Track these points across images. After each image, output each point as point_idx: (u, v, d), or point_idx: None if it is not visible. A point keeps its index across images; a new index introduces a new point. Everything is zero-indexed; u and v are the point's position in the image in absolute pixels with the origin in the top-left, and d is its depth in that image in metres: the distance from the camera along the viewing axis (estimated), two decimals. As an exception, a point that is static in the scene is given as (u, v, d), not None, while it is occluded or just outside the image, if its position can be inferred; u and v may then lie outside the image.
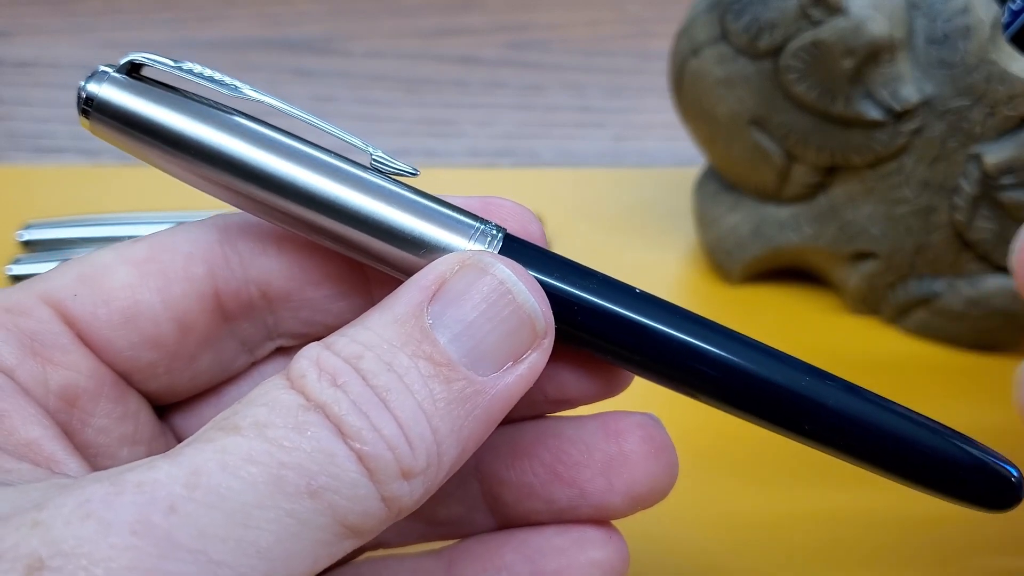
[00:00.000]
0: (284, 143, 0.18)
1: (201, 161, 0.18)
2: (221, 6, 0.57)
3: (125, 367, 0.20)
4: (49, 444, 0.18)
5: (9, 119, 0.47)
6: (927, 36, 0.32)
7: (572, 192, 0.43)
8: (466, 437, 0.17)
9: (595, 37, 0.58)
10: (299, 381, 0.16)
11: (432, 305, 0.17)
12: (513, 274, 0.18)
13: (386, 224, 0.18)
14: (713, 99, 0.36)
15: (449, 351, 0.17)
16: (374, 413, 0.16)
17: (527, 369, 0.18)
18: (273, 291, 0.20)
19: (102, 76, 0.18)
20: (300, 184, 0.18)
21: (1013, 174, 0.32)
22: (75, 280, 0.19)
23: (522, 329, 0.18)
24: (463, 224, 0.19)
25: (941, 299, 0.36)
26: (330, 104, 0.50)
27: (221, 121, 0.18)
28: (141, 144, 0.18)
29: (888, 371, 0.36)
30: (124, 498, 0.14)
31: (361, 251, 0.19)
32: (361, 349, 0.17)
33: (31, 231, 0.36)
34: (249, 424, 0.16)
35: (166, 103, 0.18)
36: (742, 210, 0.38)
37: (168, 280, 0.19)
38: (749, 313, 0.38)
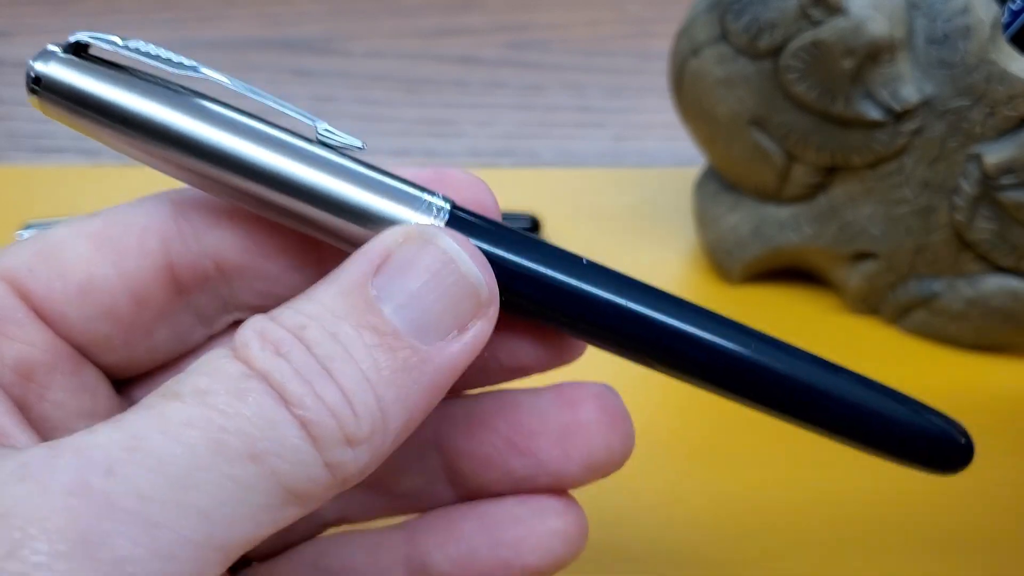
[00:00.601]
0: (230, 118, 0.18)
1: (148, 138, 0.18)
2: (221, 6, 0.57)
3: (81, 340, 0.20)
4: (1, 418, 0.18)
5: (9, 119, 0.47)
6: (927, 36, 0.32)
7: (572, 192, 0.43)
8: (412, 405, 0.17)
9: (595, 37, 0.58)
10: (243, 351, 0.16)
11: (377, 277, 0.17)
12: (457, 244, 0.18)
13: (333, 197, 0.18)
14: (713, 99, 0.36)
15: (393, 321, 0.17)
16: (317, 381, 0.16)
17: (472, 338, 0.18)
18: (228, 264, 0.20)
19: (49, 55, 0.18)
20: (246, 159, 0.18)
21: (1013, 174, 0.32)
22: (31, 255, 0.19)
23: (466, 299, 0.18)
24: (410, 196, 0.19)
25: (941, 299, 0.36)
26: (330, 104, 0.50)
27: (167, 98, 0.18)
28: (89, 122, 0.18)
29: (888, 371, 0.36)
30: (61, 460, 0.15)
31: (310, 224, 0.19)
32: (305, 320, 0.17)
33: (31, 231, 0.36)
34: (189, 391, 0.16)
35: (111, 81, 0.18)
36: (742, 210, 0.38)
37: (123, 253, 0.19)
38: (749, 313, 0.38)
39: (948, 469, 0.20)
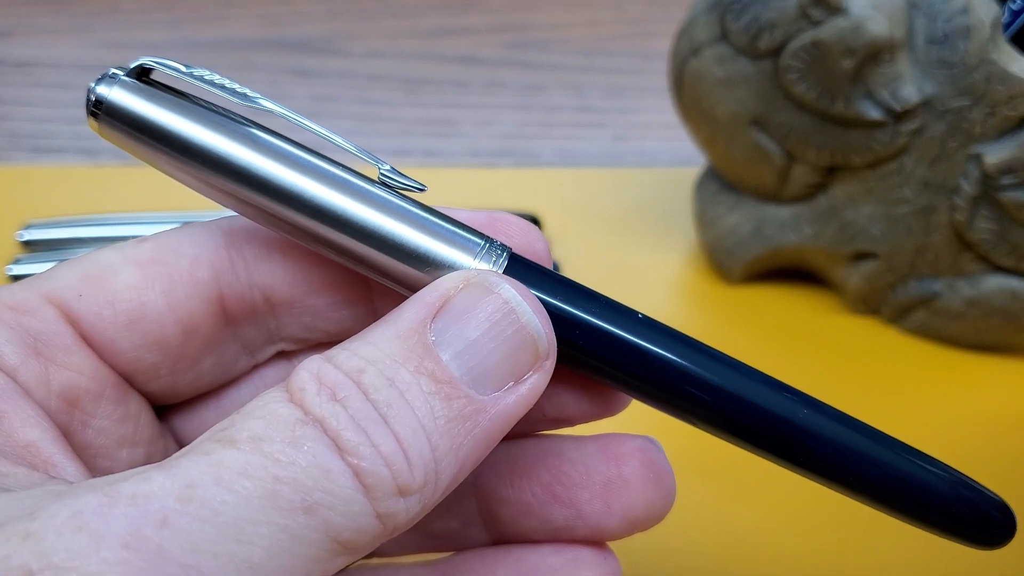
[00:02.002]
0: (292, 154, 0.18)
1: (208, 168, 0.18)
2: (221, 6, 0.57)
3: (127, 368, 0.20)
4: (48, 447, 0.17)
5: (9, 119, 0.47)
6: (927, 36, 0.32)
7: (572, 192, 0.43)
8: (464, 456, 0.17)
9: (595, 37, 0.58)
10: (298, 394, 0.16)
11: (435, 322, 0.17)
12: (517, 294, 0.18)
13: (391, 239, 0.18)
14: (713, 99, 0.36)
15: (451, 368, 0.17)
16: (373, 428, 0.16)
17: (528, 390, 0.18)
18: (277, 297, 0.20)
19: (112, 79, 0.18)
20: (307, 196, 0.18)
21: (1013, 174, 0.32)
22: (80, 280, 0.19)
23: (524, 350, 0.18)
24: (468, 241, 0.19)
25: (941, 299, 0.36)
26: (330, 104, 0.50)
27: (229, 129, 0.18)
28: (148, 148, 0.18)
29: (888, 371, 0.36)
30: (117, 510, 0.14)
31: (365, 264, 0.19)
32: (363, 363, 0.17)
33: (31, 231, 0.36)
34: (246, 437, 0.15)
35: (175, 109, 0.18)
36: (742, 210, 0.38)
37: (173, 283, 0.19)
38: (749, 313, 0.38)
39: (989, 544, 0.20)
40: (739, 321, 0.38)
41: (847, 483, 0.19)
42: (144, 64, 0.18)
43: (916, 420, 0.34)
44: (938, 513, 0.19)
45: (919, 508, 0.19)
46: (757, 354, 0.36)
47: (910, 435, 0.34)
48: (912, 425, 0.34)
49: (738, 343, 0.36)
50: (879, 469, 0.19)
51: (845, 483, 0.19)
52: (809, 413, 0.19)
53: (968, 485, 0.19)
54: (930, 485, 0.19)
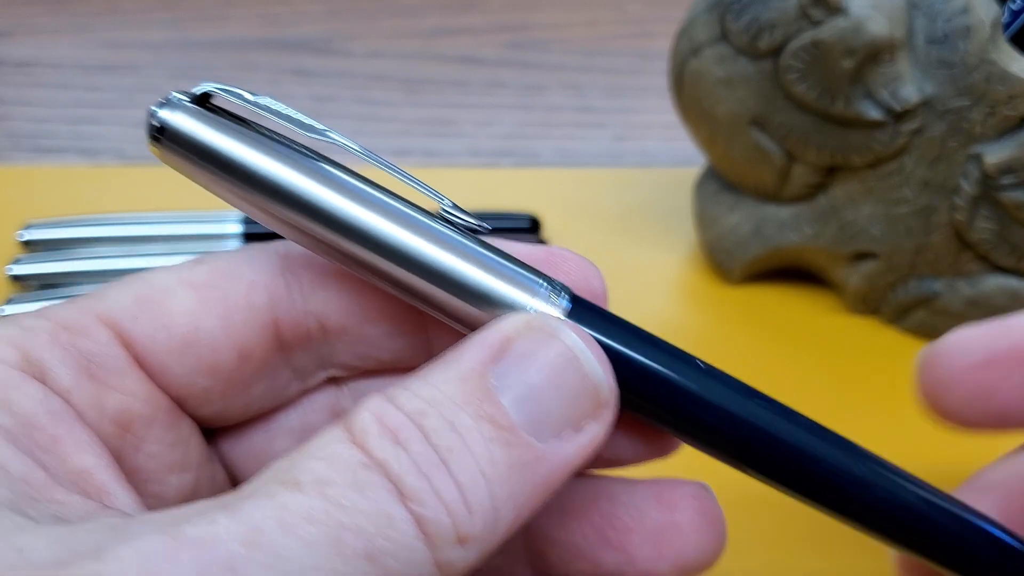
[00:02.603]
0: (356, 187, 0.18)
1: (270, 199, 0.18)
2: (221, 6, 0.57)
3: (180, 393, 0.19)
4: (101, 474, 0.17)
5: (9, 119, 0.47)
6: (927, 36, 0.32)
7: (572, 192, 0.43)
8: (523, 504, 0.17)
9: (595, 37, 0.58)
10: (360, 435, 0.16)
11: (496, 365, 0.17)
12: (580, 341, 0.18)
13: (452, 277, 0.18)
14: (713, 99, 0.36)
15: (511, 414, 0.17)
16: (435, 474, 0.16)
17: (588, 439, 0.17)
18: (331, 324, 0.20)
19: (175, 104, 0.18)
20: (369, 230, 0.18)
21: (1013, 174, 0.32)
22: (135, 301, 0.19)
23: (586, 398, 0.17)
24: (529, 281, 0.18)
25: (941, 299, 0.36)
26: (330, 104, 0.50)
27: (293, 159, 0.18)
28: (209, 175, 0.18)
29: (888, 371, 0.36)
30: (184, 555, 0.14)
31: (424, 300, 0.19)
32: (424, 405, 0.16)
33: (31, 231, 0.36)
34: (310, 480, 0.15)
35: (238, 136, 0.18)
36: (742, 210, 0.38)
37: (229, 308, 0.19)
38: (749, 313, 0.38)
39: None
40: (739, 321, 0.38)
41: (897, 536, 0.20)
42: (207, 90, 0.18)
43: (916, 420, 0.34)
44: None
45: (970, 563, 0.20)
46: (757, 354, 0.36)
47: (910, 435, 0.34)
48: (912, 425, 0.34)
49: (738, 343, 0.37)
50: (926, 521, 0.20)
51: (896, 537, 0.20)
52: (869, 466, 0.19)
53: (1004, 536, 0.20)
54: (991, 549, 0.20)
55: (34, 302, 0.33)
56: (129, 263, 0.35)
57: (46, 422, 0.17)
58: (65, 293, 0.34)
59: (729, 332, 0.37)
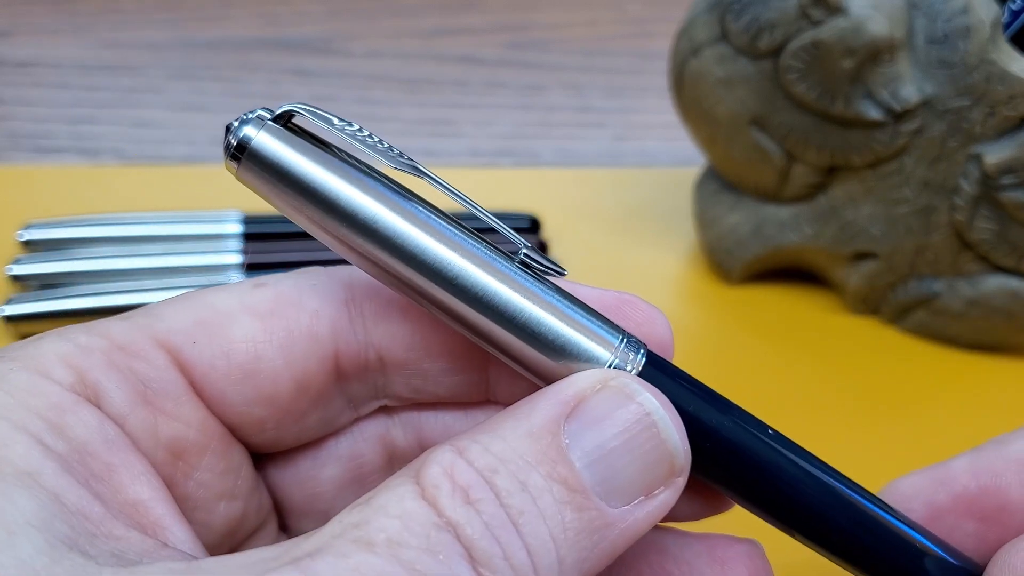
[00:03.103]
0: (438, 224, 0.18)
1: (348, 227, 0.17)
2: (221, 6, 0.57)
3: (235, 421, 0.19)
4: (157, 507, 0.17)
5: (9, 119, 0.47)
6: (927, 36, 0.32)
7: (572, 192, 0.43)
8: (588, 569, 0.16)
9: (595, 37, 0.58)
10: (431, 491, 0.16)
11: (569, 423, 0.17)
12: (660, 406, 0.17)
13: (529, 326, 0.18)
14: (713, 99, 0.36)
15: (583, 477, 0.16)
16: (505, 538, 0.15)
17: (658, 506, 0.17)
18: (391, 357, 0.20)
19: (259, 121, 0.17)
20: (450, 271, 0.17)
21: (1013, 174, 0.32)
22: (194, 324, 0.18)
23: (660, 465, 0.17)
24: (607, 334, 0.18)
25: (941, 299, 0.36)
26: (330, 104, 0.50)
27: (377, 191, 0.17)
28: (287, 198, 0.17)
29: (888, 371, 0.36)
30: None
31: (495, 345, 0.18)
32: (495, 462, 0.16)
33: (31, 231, 0.36)
34: (383, 540, 0.15)
35: (320, 161, 0.17)
36: (742, 210, 0.38)
37: (292, 337, 0.19)
38: (749, 313, 0.38)
39: None
40: (739, 321, 0.38)
41: None
42: (291, 109, 0.17)
43: (916, 420, 0.34)
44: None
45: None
46: (757, 354, 0.36)
47: (910, 435, 0.34)
48: (912, 425, 0.34)
49: (738, 343, 0.37)
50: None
51: None
52: (929, 553, 0.19)
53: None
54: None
55: (34, 302, 0.33)
56: (129, 263, 0.35)
57: (101, 450, 0.17)
58: (65, 293, 0.34)
59: (729, 332, 0.37)
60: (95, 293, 0.34)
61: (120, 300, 0.34)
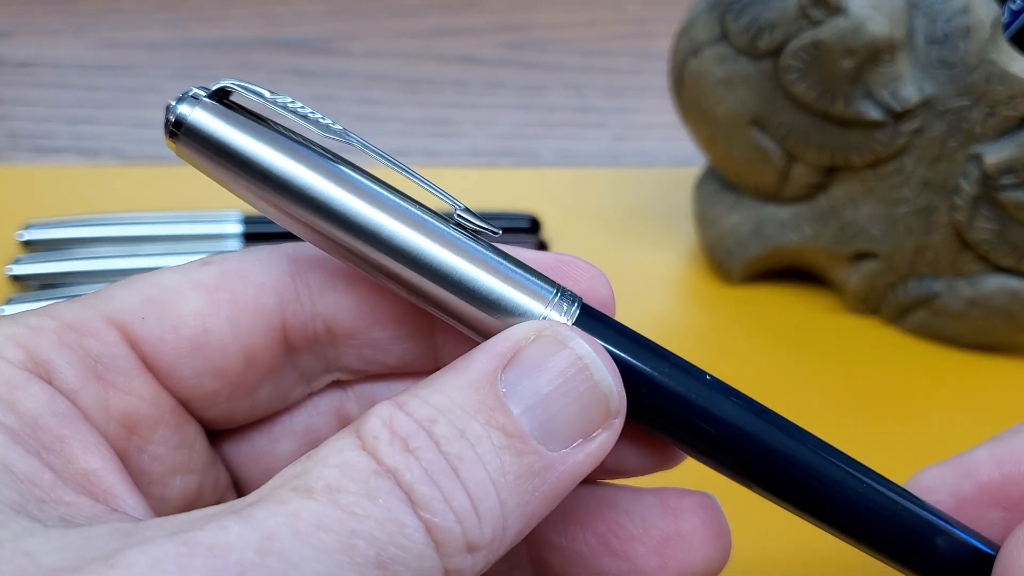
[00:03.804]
0: (372, 189, 0.18)
1: (286, 198, 0.18)
2: (221, 6, 0.57)
3: (187, 395, 0.19)
4: (108, 476, 0.17)
5: (9, 119, 0.47)
6: (927, 36, 0.32)
7: (572, 192, 0.43)
8: (530, 513, 0.17)
9: (595, 37, 0.58)
10: (371, 442, 0.16)
11: (506, 373, 0.17)
12: (592, 351, 0.18)
13: (465, 283, 0.18)
14: (713, 99, 0.36)
15: (521, 422, 0.17)
16: (445, 483, 0.16)
17: (596, 448, 0.17)
18: (339, 327, 0.20)
19: (194, 100, 0.18)
20: (385, 233, 0.18)
21: (1013, 174, 0.32)
22: (143, 302, 0.19)
23: (596, 407, 0.17)
24: (541, 288, 0.18)
25: (941, 299, 0.36)
26: (330, 104, 0.50)
27: (309, 159, 0.18)
28: (225, 172, 0.18)
29: (888, 371, 0.36)
30: (196, 562, 0.14)
31: (435, 304, 0.18)
32: (434, 413, 0.16)
33: (31, 231, 0.36)
34: (322, 487, 0.15)
35: (255, 134, 0.18)
36: (742, 210, 0.38)
37: (239, 310, 0.19)
38: (749, 313, 0.38)
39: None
40: (739, 321, 0.38)
41: (889, 551, 0.20)
42: (225, 86, 0.18)
43: (916, 420, 0.34)
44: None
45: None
46: (757, 354, 0.36)
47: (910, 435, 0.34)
48: (912, 425, 0.34)
49: (738, 343, 0.37)
50: (915, 535, 0.20)
51: (878, 548, 0.20)
52: (869, 486, 0.19)
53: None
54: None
55: (34, 302, 0.33)
56: (129, 263, 0.35)
57: (52, 423, 0.17)
58: (65, 293, 0.34)
59: (729, 332, 0.37)
60: (95, 293, 0.34)
61: (120, 300, 0.34)
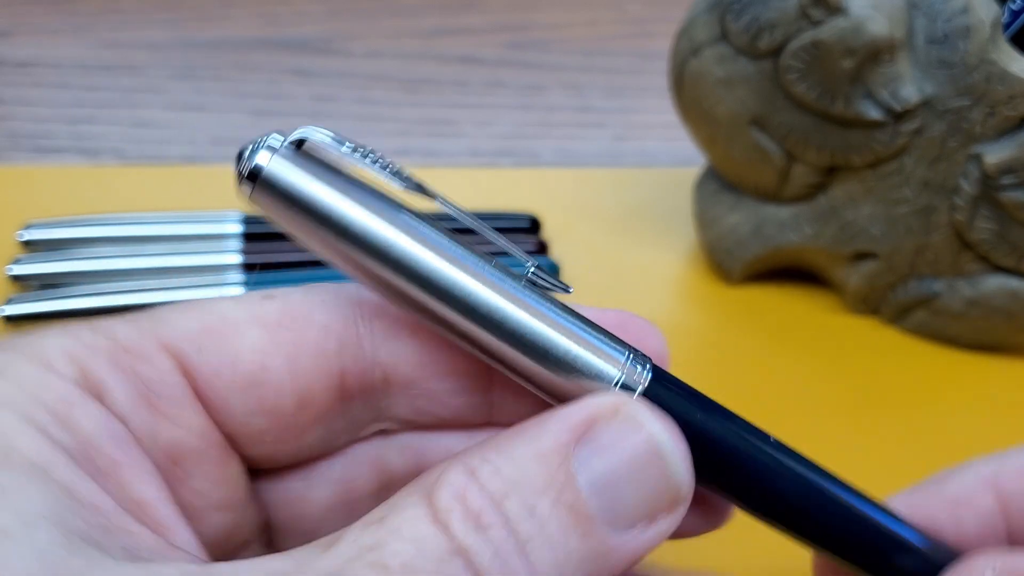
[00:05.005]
0: (448, 246, 0.18)
1: (360, 251, 0.18)
2: (221, 6, 0.57)
3: (234, 431, 0.19)
4: (161, 507, 0.17)
5: (9, 119, 0.47)
6: (927, 36, 0.32)
7: (572, 192, 0.43)
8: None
9: (595, 37, 0.58)
10: (444, 515, 0.16)
11: (579, 448, 0.17)
12: (669, 437, 0.17)
13: (540, 344, 0.18)
14: (713, 99, 0.36)
15: (590, 503, 0.16)
16: (514, 564, 0.16)
17: (658, 533, 0.17)
18: (397, 377, 0.20)
19: (271, 149, 0.17)
20: (459, 291, 0.18)
21: (1013, 174, 0.32)
22: (200, 331, 0.18)
23: (665, 494, 0.17)
24: (613, 351, 0.18)
25: (941, 299, 0.36)
26: (330, 104, 0.50)
27: (386, 212, 0.18)
28: (299, 222, 0.18)
29: (888, 371, 0.36)
30: None
31: (503, 363, 0.18)
32: (506, 486, 0.16)
33: (31, 231, 0.36)
34: (398, 566, 0.15)
35: (332, 185, 0.17)
36: (742, 210, 0.38)
37: (299, 351, 0.19)
38: (749, 313, 0.38)
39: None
40: (739, 321, 0.38)
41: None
42: (305, 136, 0.18)
43: (916, 420, 0.34)
44: None
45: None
46: (757, 354, 0.36)
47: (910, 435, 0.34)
48: (912, 425, 0.34)
49: (738, 343, 0.37)
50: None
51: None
52: (928, 545, 0.20)
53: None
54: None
55: (34, 302, 0.33)
56: (129, 263, 0.35)
57: (108, 446, 0.17)
58: (65, 293, 0.34)
59: (729, 332, 0.37)
60: (95, 293, 0.34)
61: (120, 300, 0.34)
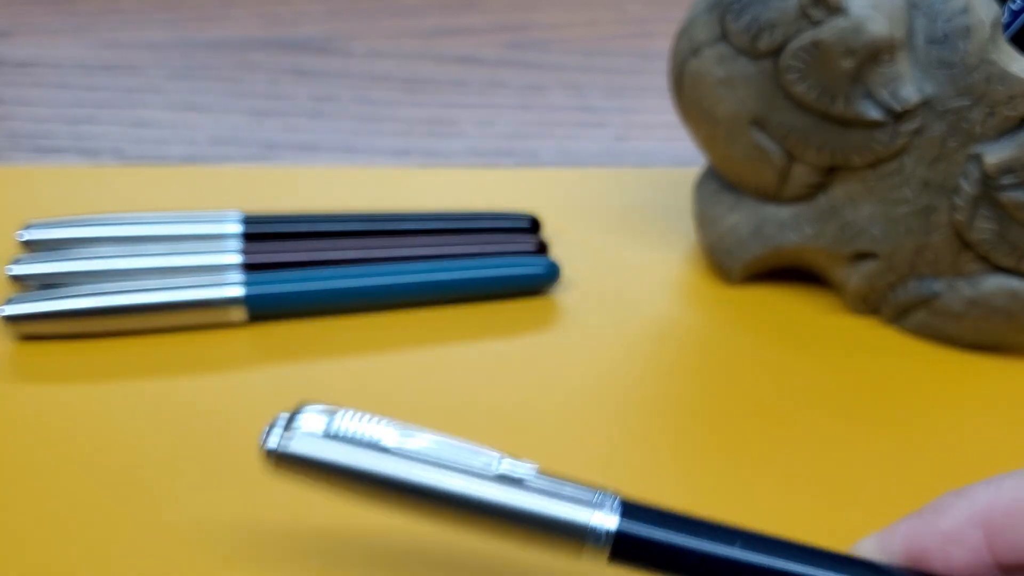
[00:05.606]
0: (447, 469, 0.21)
1: (377, 489, 0.21)
2: (221, 6, 0.57)
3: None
4: None
5: (9, 119, 0.47)
6: (927, 36, 0.32)
7: (572, 192, 0.43)
8: None
9: (595, 37, 0.58)
10: None
11: None
12: None
13: (528, 517, 0.21)
14: (713, 99, 0.36)
15: None
16: None
17: None
18: None
19: (290, 434, 0.21)
20: (473, 499, 0.21)
21: (1013, 174, 0.32)
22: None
23: None
24: (584, 495, 0.21)
25: (941, 299, 0.36)
26: (330, 104, 0.50)
27: (385, 460, 0.21)
28: (323, 483, 0.21)
29: (888, 372, 0.36)
30: None
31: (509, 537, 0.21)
32: None
33: (31, 231, 0.36)
34: None
35: (345, 451, 0.21)
36: (742, 210, 0.38)
37: None
38: (749, 313, 0.38)
39: None
40: (739, 321, 0.38)
41: None
42: (305, 412, 0.21)
43: (916, 420, 0.34)
44: None
45: None
46: (757, 354, 0.36)
47: (910, 435, 0.34)
48: (912, 425, 0.34)
49: (738, 343, 0.36)
50: None
51: None
52: None
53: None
54: None
55: (34, 302, 0.33)
56: (129, 263, 0.35)
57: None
58: (65, 293, 0.34)
59: (729, 332, 0.37)
60: (95, 293, 0.34)
61: (120, 300, 0.34)
